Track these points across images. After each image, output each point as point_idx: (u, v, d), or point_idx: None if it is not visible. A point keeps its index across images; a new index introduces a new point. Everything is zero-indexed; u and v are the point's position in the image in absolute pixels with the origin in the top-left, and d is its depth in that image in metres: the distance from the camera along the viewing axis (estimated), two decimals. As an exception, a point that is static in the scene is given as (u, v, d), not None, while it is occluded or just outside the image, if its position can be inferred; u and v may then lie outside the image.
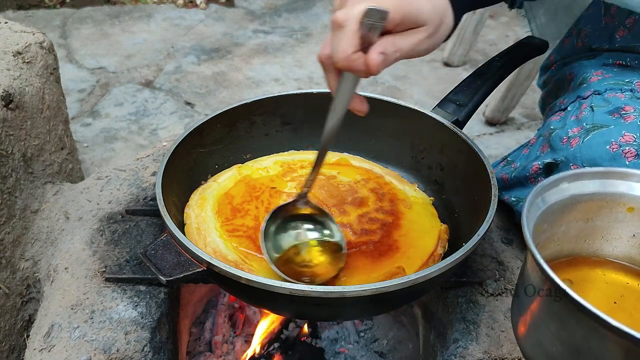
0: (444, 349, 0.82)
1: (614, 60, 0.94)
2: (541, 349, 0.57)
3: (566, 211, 0.65)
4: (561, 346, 0.54)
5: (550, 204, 0.63)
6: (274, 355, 1.04)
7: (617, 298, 0.63)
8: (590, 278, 0.67)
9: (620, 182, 0.65)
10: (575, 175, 0.64)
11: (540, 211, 0.62)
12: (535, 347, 0.59)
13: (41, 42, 1.07)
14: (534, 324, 0.58)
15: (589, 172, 0.65)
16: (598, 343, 0.50)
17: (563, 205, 0.64)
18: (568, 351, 0.54)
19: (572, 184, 0.64)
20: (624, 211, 0.65)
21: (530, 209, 0.60)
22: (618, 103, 0.83)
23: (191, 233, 0.80)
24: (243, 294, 0.78)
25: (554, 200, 0.63)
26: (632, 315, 0.61)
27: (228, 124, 0.95)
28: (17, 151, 0.96)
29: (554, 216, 0.64)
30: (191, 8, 2.90)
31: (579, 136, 0.81)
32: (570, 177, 0.64)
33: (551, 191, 0.63)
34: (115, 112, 2.04)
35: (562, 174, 0.64)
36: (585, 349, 0.51)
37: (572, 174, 0.64)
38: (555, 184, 0.63)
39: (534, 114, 2.16)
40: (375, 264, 0.76)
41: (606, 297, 0.63)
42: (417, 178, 0.97)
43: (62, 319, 0.78)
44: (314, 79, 2.32)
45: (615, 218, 0.66)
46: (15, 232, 0.96)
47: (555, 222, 0.65)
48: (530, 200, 0.60)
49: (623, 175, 0.65)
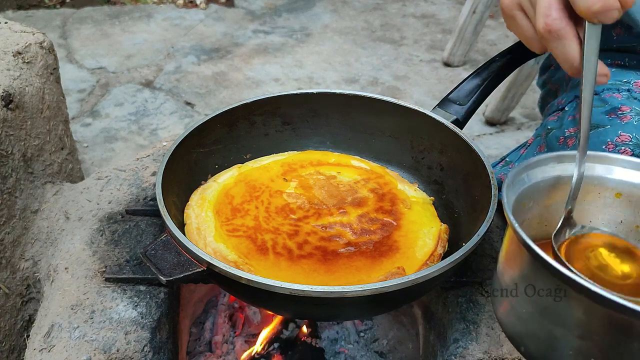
0: (444, 349, 0.82)
1: (612, 60, 0.94)
2: (514, 314, 0.58)
3: (553, 191, 0.65)
4: (530, 307, 0.55)
5: (535, 182, 0.63)
6: (274, 355, 1.04)
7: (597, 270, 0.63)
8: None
9: (605, 166, 0.66)
10: (560, 156, 0.65)
11: (524, 186, 0.62)
12: (509, 314, 0.59)
13: (41, 42, 1.07)
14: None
15: (574, 155, 0.65)
16: (562, 301, 0.51)
17: (549, 184, 0.64)
18: (537, 311, 0.54)
19: (559, 165, 0.65)
20: (612, 196, 0.66)
21: (513, 183, 0.60)
22: (615, 103, 0.83)
23: (191, 233, 0.80)
24: (243, 294, 0.78)
25: (539, 178, 0.64)
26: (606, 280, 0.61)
27: (228, 124, 0.95)
28: (17, 151, 0.96)
29: (539, 194, 0.64)
30: (191, 8, 2.90)
31: (576, 136, 0.82)
32: (557, 157, 0.65)
33: (537, 169, 0.64)
34: (115, 112, 2.04)
35: (549, 154, 0.64)
36: (551, 307, 0.52)
37: (558, 155, 0.65)
38: (543, 162, 0.64)
39: (534, 114, 2.16)
40: (375, 264, 0.76)
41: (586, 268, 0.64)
42: (417, 178, 0.97)
43: (62, 319, 0.78)
44: (314, 79, 2.32)
45: (604, 203, 0.66)
46: (15, 232, 0.96)
47: (542, 201, 0.65)
48: (513, 175, 0.61)
49: (608, 159, 0.66)
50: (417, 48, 2.62)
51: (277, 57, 2.47)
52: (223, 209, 0.85)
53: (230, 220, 0.83)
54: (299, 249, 0.78)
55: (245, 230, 0.81)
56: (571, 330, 0.51)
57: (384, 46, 2.61)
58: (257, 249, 0.78)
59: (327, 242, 0.80)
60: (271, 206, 0.86)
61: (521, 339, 0.58)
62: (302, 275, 0.74)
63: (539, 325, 0.55)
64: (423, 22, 2.87)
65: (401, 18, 2.91)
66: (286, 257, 0.77)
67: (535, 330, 0.55)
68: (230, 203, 0.86)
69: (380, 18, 2.89)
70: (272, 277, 0.65)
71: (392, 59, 2.50)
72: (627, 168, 0.65)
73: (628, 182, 0.65)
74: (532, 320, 0.55)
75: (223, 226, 0.81)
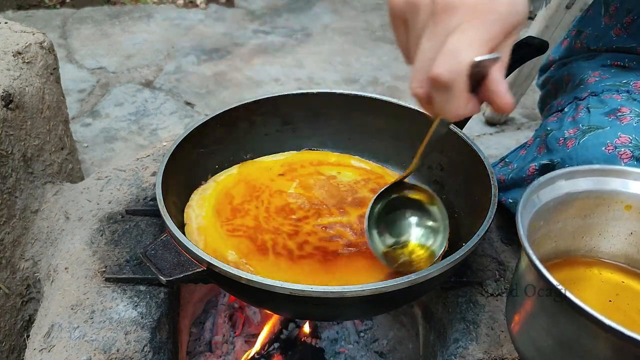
0: (444, 349, 0.82)
1: (612, 61, 0.94)
2: (532, 344, 0.58)
3: (562, 208, 0.65)
4: (552, 341, 0.55)
5: (545, 202, 0.63)
6: (274, 355, 1.04)
7: (612, 296, 0.64)
8: (586, 277, 0.67)
9: (616, 179, 0.65)
10: (570, 172, 0.65)
11: (535, 208, 0.62)
12: (527, 342, 0.59)
13: (41, 42, 1.07)
14: (527, 320, 0.59)
15: (584, 170, 0.65)
16: (589, 339, 0.50)
17: (559, 202, 0.64)
18: (559, 346, 0.54)
19: (567, 182, 0.65)
20: (622, 209, 0.66)
21: (525, 206, 0.60)
22: (614, 104, 0.83)
23: (191, 233, 0.80)
24: (243, 294, 0.78)
25: (549, 197, 0.63)
26: (626, 313, 0.62)
27: (228, 124, 0.95)
28: (17, 151, 0.96)
29: (549, 213, 0.64)
30: (191, 8, 2.90)
31: (575, 137, 0.81)
32: (566, 174, 0.65)
33: (547, 189, 0.64)
34: (115, 112, 2.04)
35: (557, 172, 0.64)
36: (576, 345, 0.52)
37: (568, 171, 0.65)
38: (551, 181, 0.64)
39: (534, 114, 2.16)
40: (375, 264, 0.76)
41: (601, 295, 0.64)
42: (417, 178, 0.97)
43: (62, 319, 0.78)
44: (314, 79, 2.32)
45: (613, 216, 0.66)
46: (15, 232, 0.96)
47: (552, 219, 0.65)
48: (525, 198, 0.60)
49: (619, 173, 0.65)
50: (417, 48, 2.61)
51: (277, 57, 2.47)
52: (223, 209, 0.85)
53: (230, 220, 0.83)
54: (299, 249, 0.78)
55: (245, 230, 0.81)
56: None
57: (384, 46, 2.61)
58: (257, 249, 0.78)
59: (327, 243, 0.80)
60: (271, 206, 0.86)
61: None
62: (302, 276, 0.74)
63: None
64: (423, 22, 2.87)
65: (401, 18, 2.90)
66: (286, 257, 0.77)
67: None
68: (230, 203, 0.86)
69: (380, 18, 2.89)
70: (272, 277, 0.65)
71: (392, 59, 2.50)
72: (638, 181, 0.65)
73: (639, 195, 0.65)
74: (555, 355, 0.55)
75: (223, 226, 0.81)
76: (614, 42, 0.94)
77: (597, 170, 0.65)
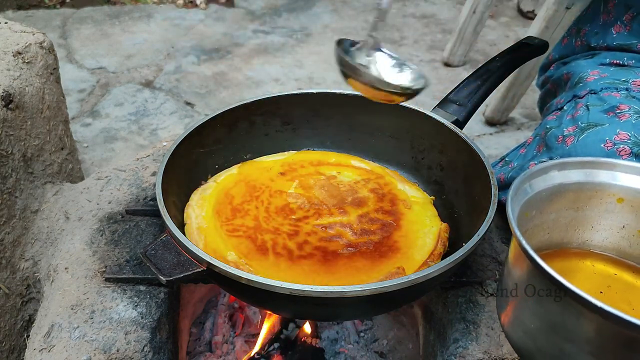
0: (444, 349, 0.82)
1: (611, 60, 0.94)
2: (520, 327, 0.58)
3: (555, 199, 0.65)
4: (539, 322, 0.55)
5: (538, 191, 0.63)
6: (274, 355, 1.04)
7: (603, 288, 0.64)
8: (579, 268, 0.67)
9: (605, 172, 0.66)
10: (562, 163, 0.65)
11: (527, 197, 0.62)
12: (516, 325, 0.59)
13: (41, 42, 1.07)
14: (514, 304, 0.59)
15: (575, 162, 0.65)
16: (572, 318, 0.51)
17: (551, 192, 0.64)
18: (545, 327, 0.54)
19: (560, 173, 0.65)
20: (614, 202, 0.66)
21: (517, 193, 0.60)
22: (613, 102, 0.83)
23: (191, 233, 0.80)
24: (243, 294, 0.78)
25: (542, 187, 0.64)
26: (616, 303, 0.62)
27: (228, 124, 0.95)
28: (17, 151, 0.96)
29: (542, 203, 0.64)
30: (191, 8, 2.90)
31: (574, 135, 0.82)
32: (558, 165, 0.65)
33: (539, 178, 0.64)
34: (115, 112, 2.04)
35: (550, 162, 0.65)
36: (560, 324, 0.52)
37: (560, 162, 0.65)
38: (544, 171, 0.64)
39: (534, 114, 2.16)
40: (375, 265, 0.76)
41: (593, 286, 0.64)
42: (417, 178, 0.97)
43: (62, 319, 0.78)
44: (314, 79, 2.32)
45: (605, 208, 0.67)
46: (15, 232, 0.96)
47: (544, 209, 0.65)
48: (516, 185, 0.60)
49: (608, 165, 0.66)
50: (417, 48, 2.62)
51: (277, 57, 2.47)
52: (223, 209, 0.85)
53: (230, 220, 0.83)
54: (299, 249, 0.78)
55: (245, 230, 0.81)
56: (582, 347, 0.51)
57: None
58: (257, 249, 0.78)
59: (327, 243, 0.80)
60: (271, 206, 0.86)
61: (531, 354, 0.58)
62: (302, 276, 0.74)
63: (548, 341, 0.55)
64: (423, 22, 2.87)
65: (401, 18, 2.90)
66: (286, 257, 0.77)
67: (545, 346, 0.55)
68: (230, 203, 0.86)
69: (380, 18, 2.89)
70: (272, 277, 0.65)
71: (392, 59, 2.50)
72: (629, 174, 0.65)
73: (630, 188, 0.65)
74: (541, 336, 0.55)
75: (223, 226, 0.81)
76: (614, 39, 0.94)
77: (588, 163, 0.65)
